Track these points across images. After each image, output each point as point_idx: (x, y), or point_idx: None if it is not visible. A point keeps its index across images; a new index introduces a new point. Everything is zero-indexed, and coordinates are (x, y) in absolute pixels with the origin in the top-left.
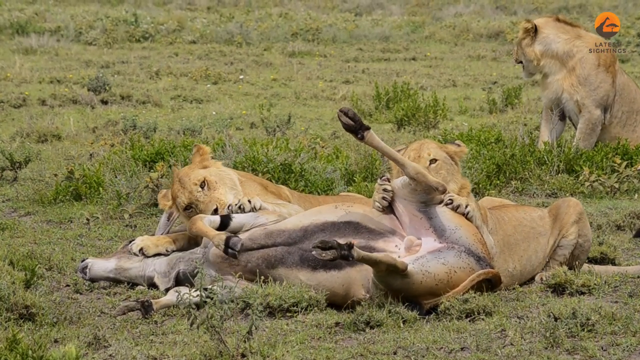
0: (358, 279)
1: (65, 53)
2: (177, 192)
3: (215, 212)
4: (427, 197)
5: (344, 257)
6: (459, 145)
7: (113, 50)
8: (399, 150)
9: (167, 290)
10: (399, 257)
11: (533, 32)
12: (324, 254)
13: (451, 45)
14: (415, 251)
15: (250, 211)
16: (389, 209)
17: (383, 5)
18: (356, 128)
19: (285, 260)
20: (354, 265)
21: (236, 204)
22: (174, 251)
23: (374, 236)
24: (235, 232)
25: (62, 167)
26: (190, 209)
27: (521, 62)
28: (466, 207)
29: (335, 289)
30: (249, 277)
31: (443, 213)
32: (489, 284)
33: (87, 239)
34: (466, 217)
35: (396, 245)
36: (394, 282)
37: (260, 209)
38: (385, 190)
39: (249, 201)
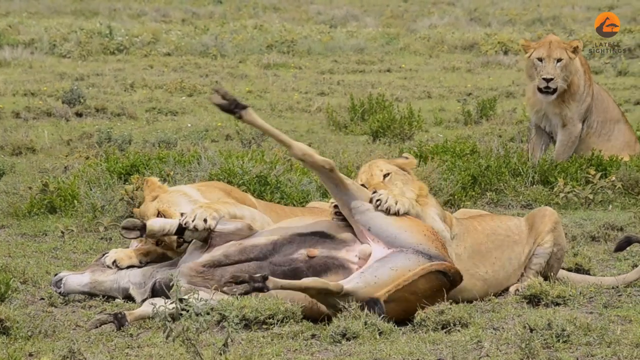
0: None
1: (39, 65)
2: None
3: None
4: (336, 190)
5: (258, 290)
6: (407, 158)
7: (87, 62)
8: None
9: (143, 301)
10: (357, 267)
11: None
12: (234, 289)
13: (426, 57)
14: (365, 261)
15: (204, 230)
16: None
17: (358, 17)
18: (231, 107)
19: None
20: (320, 277)
21: (192, 223)
22: (147, 263)
23: (337, 245)
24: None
25: (37, 180)
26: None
27: (552, 85)
28: (396, 204)
29: (304, 301)
30: (222, 292)
31: (378, 219)
32: (447, 279)
33: (62, 252)
34: (399, 214)
35: (356, 255)
36: (336, 303)
37: (215, 227)
38: (335, 206)
39: (205, 220)
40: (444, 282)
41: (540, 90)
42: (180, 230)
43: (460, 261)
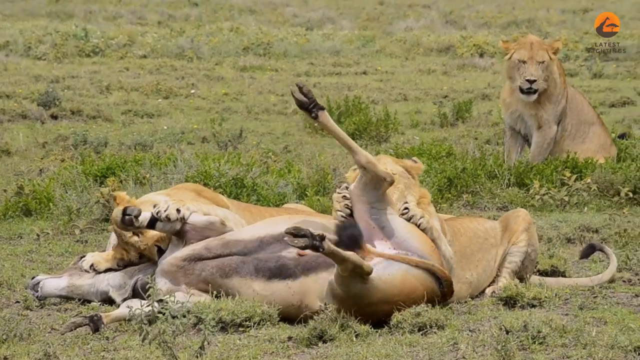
0: (313, 289)
1: (14, 68)
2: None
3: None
4: (377, 194)
5: (314, 248)
6: (415, 162)
7: (63, 65)
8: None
9: (124, 299)
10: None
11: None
12: (295, 241)
13: (402, 60)
14: (371, 259)
15: (176, 220)
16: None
17: (334, 20)
18: (309, 106)
19: (240, 270)
20: (309, 275)
21: (164, 213)
22: (125, 266)
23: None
24: (167, 232)
25: (12, 182)
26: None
27: (534, 86)
28: (420, 217)
29: (289, 299)
30: (202, 288)
31: (395, 221)
32: (439, 289)
33: (38, 254)
34: (419, 227)
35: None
36: (354, 287)
37: (188, 218)
38: (345, 197)
39: (178, 210)
40: (435, 292)
41: (522, 90)
42: (153, 221)
43: (452, 270)
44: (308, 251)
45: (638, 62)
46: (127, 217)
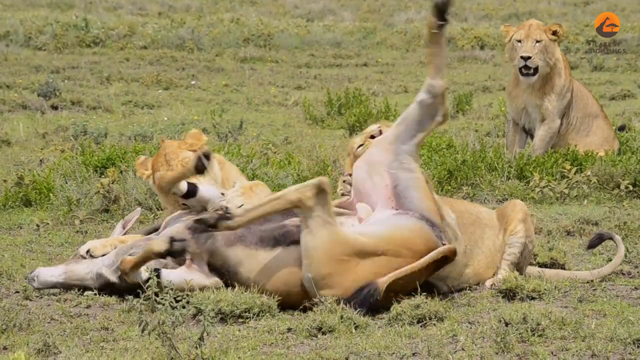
0: None
1: (14, 58)
2: (159, 167)
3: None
4: (416, 138)
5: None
6: None
7: (63, 55)
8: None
9: (119, 278)
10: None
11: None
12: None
13: (402, 52)
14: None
15: (238, 216)
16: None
17: (335, 11)
18: (443, 14)
19: (245, 239)
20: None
21: (224, 207)
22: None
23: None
24: (199, 206)
25: (12, 172)
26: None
27: (530, 64)
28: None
29: (292, 264)
30: (205, 259)
31: (412, 181)
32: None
33: (37, 245)
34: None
35: (352, 224)
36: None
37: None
38: (345, 182)
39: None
40: (437, 244)
41: (521, 72)
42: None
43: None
44: None
45: (638, 54)
46: (202, 163)
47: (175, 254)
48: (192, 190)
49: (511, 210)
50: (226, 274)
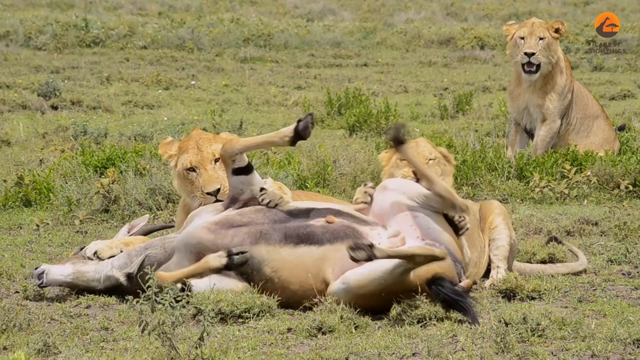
0: (331, 257)
1: (14, 58)
2: (189, 150)
3: (217, 192)
4: (437, 208)
5: (369, 258)
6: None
7: (63, 55)
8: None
9: (128, 275)
10: (379, 243)
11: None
12: (354, 254)
13: (402, 52)
14: (401, 244)
15: (279, 202)
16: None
17: (335, 11)
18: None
19: (269, 237)
20: (333, 243)
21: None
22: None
23: (359, 222)
24: (239, 187)
25: (12, 172)
26: (193, 171)
27: (533, 60)
28: (461, 220)
29: (310, 263)
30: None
31: (433, 215)
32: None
33: (37, 245)
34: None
35: (379, 234)
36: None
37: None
38: (366, 193)
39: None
40: (453, 272)
41: (523, 68)
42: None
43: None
44: (336, 220)
45: (638, 54)
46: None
47: (234, 267)
48: (250, 167)
49: (488, 209)
50: (249, 273)
